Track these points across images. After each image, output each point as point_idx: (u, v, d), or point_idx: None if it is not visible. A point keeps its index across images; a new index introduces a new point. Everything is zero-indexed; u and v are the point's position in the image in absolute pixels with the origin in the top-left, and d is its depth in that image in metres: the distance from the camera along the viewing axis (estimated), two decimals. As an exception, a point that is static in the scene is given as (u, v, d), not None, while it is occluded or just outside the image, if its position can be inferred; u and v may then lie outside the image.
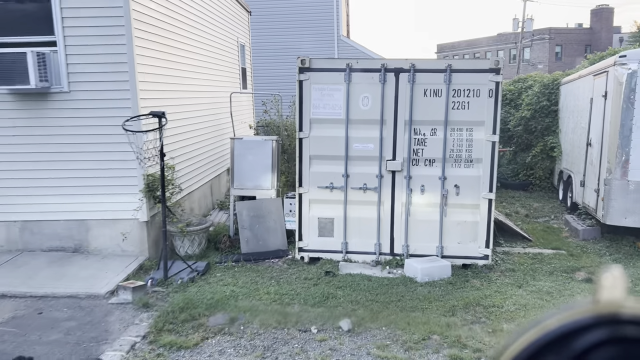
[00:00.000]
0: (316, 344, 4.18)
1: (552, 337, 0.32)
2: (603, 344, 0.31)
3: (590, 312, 0.32)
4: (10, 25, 5.57)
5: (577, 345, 0.32)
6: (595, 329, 0.32)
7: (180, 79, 7.25)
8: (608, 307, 0.33)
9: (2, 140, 5.85)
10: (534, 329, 0.33)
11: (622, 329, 0.31)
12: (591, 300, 0.34)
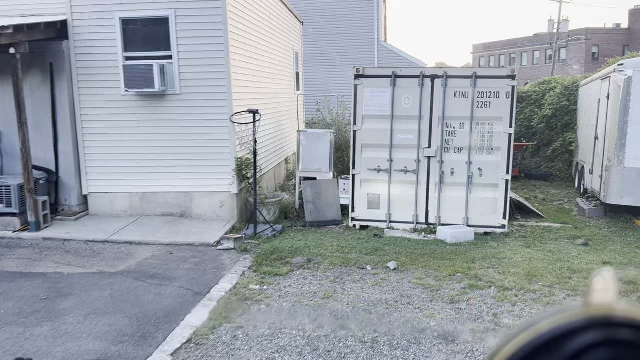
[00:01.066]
0: (371, 276, 5.82)
1: (544, 340, 0.32)
2: (595, 347, 0.31)
3: (583, 314, 0.32)
4: (142, 44, 7.44)
5: (570, 347, 0.31)
6: (588, 332, 0.31)
7: (257, 84, 9.02)
8: (600, 309, 0.32)
9: (130, 130, 7.73)
10: (526, 331, 0.33)
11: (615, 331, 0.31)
12: (583, 302, 0.33)
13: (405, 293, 5.30)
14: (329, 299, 5.09)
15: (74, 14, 7.57)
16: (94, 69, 7.62)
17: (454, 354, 4.06)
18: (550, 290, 5.39)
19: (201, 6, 7.39)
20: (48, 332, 4.26)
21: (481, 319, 4.71)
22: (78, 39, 7.60)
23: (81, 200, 7.91)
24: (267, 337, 4.26)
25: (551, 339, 0.32)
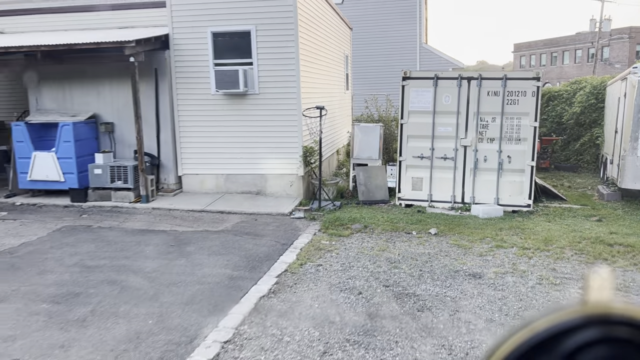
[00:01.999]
0: (416, 238, 7.30)
1: (541, 338, 0.32)
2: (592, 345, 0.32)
3: (579, 312, 0.33)
4: (228, 53, 9.17)
5: (567, 345, 0.32)
6: (584, 330, 0.32)
7: (317, 84, 10.63)
8: (597, 308, 0.33)
9: (217, 123, 9.47)
10: (524, 329, 0.33)
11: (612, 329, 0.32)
12: (580, 301, 0.33)
13: (443, 249, 6.77)
14: (384, 251, 6.62)
15: (174, 29, 9.37)
16: (189, 73, 9.40)
17: (480, 285, 5.51)
18: (562, 250, 6.75)
19: (277, 22, 9.05)
20: (185, 263, 5.97)
21: (502, 266, 6.14)
22: (177, 49, 9.40)
23: (177, 180, 9.73)
24: (340, 271, 5.83)
25: (548, 337, 0.32)
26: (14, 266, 5.73)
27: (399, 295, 5.13)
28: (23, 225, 7.60)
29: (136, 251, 6.39)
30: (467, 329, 4.39)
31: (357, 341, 4.12)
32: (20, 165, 9.15)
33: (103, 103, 9.64)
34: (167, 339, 4.07)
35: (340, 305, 4.83)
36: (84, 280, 5.30)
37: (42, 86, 9.84)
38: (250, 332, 4.24)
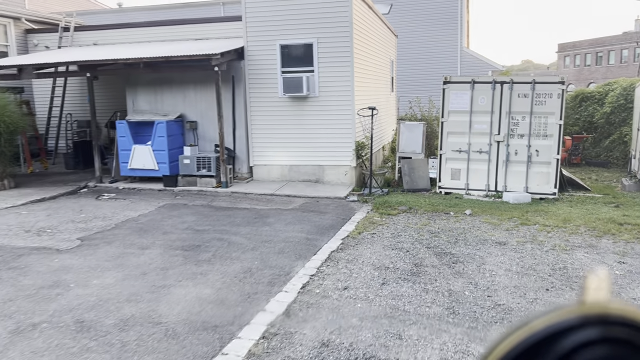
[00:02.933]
0: (453, 217, 8.73)
1: (539, 338, 0.33)
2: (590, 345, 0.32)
3: (577, 312, 0.33)
4: (295, 62, 10.84)
5: (564, 345, 0.32)
6: (582, 330, 0.32)
7: (367, 87, 12.17)
8: (594, 308, 0.33)
9: (282, 121, 11.16)
10: (521, 329, 0.33)
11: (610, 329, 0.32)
12: (577, 301, 0.34)
13: (475, 225, 8.19)
14: (426, 226, 8.09)
15: (248, 42, 11.13)
16: (260, 79, 11.14)
17: (503, 249, 6.92)
18: (577, 227, 8.04)
19: (335, 35, 10.66)
20: (268, 229, 7.65)
21: (524, 237, 7.51)
22: (250, 59, 11.16)
23: (249, 170, 11.49)
24: (390, 237, 7.36)
25: (546, 337, 0.32)
26: (142, 229, 7.56)
27: (438, 253, 6.62)
28: (133, 203, 9.50)
29: (229, 221, 8.13)
30: (490, 274, 5.85)
31: (406, 278, 5.65)
32: (122, 156, 11.12)
33: (188, 105, 11.51)
34: (270, 272, 5.73)
35: (392, 258, 6.37)
36: (199, 238, 7.05)
37: (138, 90, 11.80)
38: (327, 270, 5.84)
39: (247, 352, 3.88)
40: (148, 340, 4.06)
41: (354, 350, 3.97)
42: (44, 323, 4.33)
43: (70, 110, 14.73)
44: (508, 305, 4.96)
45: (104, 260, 6.02)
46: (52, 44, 14.95)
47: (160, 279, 5.44)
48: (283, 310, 4.69)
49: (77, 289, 5.10)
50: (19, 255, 6.19)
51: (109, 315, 4.51)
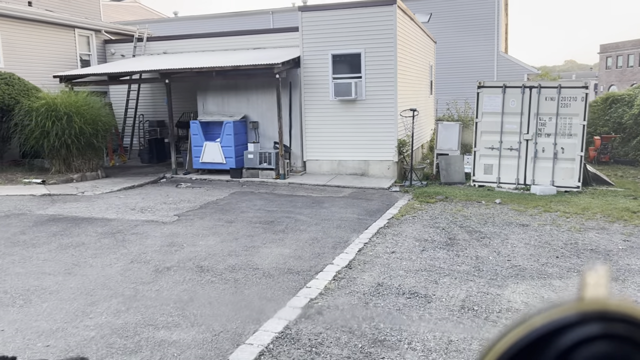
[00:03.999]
0: (484, 205, 10.01)
1: (538, 335, 0.33)
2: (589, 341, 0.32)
3: (576, 309, 0.33)
4: (344, 69, 12.34)
5: (564, 341, 0.32)
6: (582, 326, 0.32)
7: (408, 91, 13.54)
8: (593, 304, 0.33)
9: (333, 121, 12.66)
10: (520, 327, 0.33)
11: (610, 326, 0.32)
12: (576, 297, 0.34)
13: (503, 211, 9.45)
14: (460, 211, 9.42)
15: (304, 52, 12.69)
16: (314, 85, 12.69)
17: (525, 229, 8.17)
18: (594, 214, 9.19)
19: (381, 45, 12.10)
20: (325, 211, 9.15)
21: (545, 221, 8.74)
22: (305, 67, 12.72)
23: (302, 164, 13.06)
24: (429, 219, 8.73)
25: (545, 334, 0.32)
26: (223, 209, 9.22)
27: (468, 231, 7.97)
28: (208, 191, 11.20)
29: (291, 205, 9.69)
30: (511, 246, 7.16)
31: (441, 247, 7.04)
32: (194, 151, 12.88)
33: (251, 107, 13.18)
34: (332, 240, 7.23)
35: (430, 233, 7.77)
36: (271, 216, 8.63)
37: (207, 94, 13.56)
38: (377, 240, 7.29)
39: (324, 287, 5.38)
40: (252, 277, 5.62)
41: (401, 289, 5.42)
42: (174, 267, 5.97)
43: (142, 111, 16.69)
44: (523, 266, 6.29)
45: (201, 230, 7.67)
46: (126, 53, 16.97)
47: (249, 242, 7.03)
48: (346, 264, 6.17)
49: (189, 247, 6.75)
50: (135, 225, 7.92)
51: (218, 263, 6.11)
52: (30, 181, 11.08)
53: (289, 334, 4.27)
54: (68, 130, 11.16)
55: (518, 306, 5.04)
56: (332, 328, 4.43)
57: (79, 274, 5.70)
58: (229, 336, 4.22)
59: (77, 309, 4.74)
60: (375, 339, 4.25)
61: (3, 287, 5.29)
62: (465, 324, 4.60)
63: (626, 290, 5.56)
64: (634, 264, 6.39)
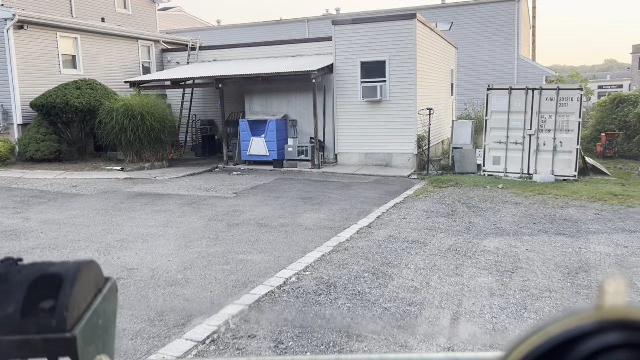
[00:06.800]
0: (488, 190, 11.83)
1: (555, 344, 0.32)
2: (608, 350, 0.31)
3: (595, 317, 0.32)
4: (370, 74, 14.35)
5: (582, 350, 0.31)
6: (600, 335, 0.31)
7: (428, 92, 15.43)
8: (612, 312, 0.32)
9: (360, 119, 14.67)
10: (537, 334, 0.32)
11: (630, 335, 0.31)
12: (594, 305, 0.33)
13: (503, 194, 11.26)
14: (466, 194, 11.27)
15: (336, 60, 14.77)
16: (344, 88, 14.74)
17: (517, 207, 9.98)
18: (581, 196, 10.89)
19: (403, 53, 14.06)
20: (353, 192, 11.18)
21: (536, 201, 10.51)
22: (338, 73, 14.79)
23: (334, 157, 15.13)
24: (439, 198, 10.64)
25: (562, 343, 0.31)
26: (270, 189, 11.38)
27: (469, 206, 9.86)
28: (256, 177, 13.40)
29: (325, 188, 11.78)
30: (500, 216, 9.03)
31: (443, 216, 8.97)
32: (243, 146, 15.12)
33: (291, 107, 15.34)
34: (357, 211, 9.27)
35: (437, 207, 9.70)
36: (308, 195, 10.74)
37: (253, 97, 15.80)
38: (393, 211, 9.28)
39: (349, 236, 7.43)
40: (297, 230, 7.73)
41: (406, 239, 7.41)
42: (240, 223, 8.13)
43: (195, 112, 19.09)
44: (504, 228, 8.17)
45: (255, 202, 9.84)
46: (181, 60, 19.42)
47: (293, 210, 9.15)
48: (367, 225, 8.20)
49: (248, 213, 8.91)
50: (204, 199, 10.16)
51: (272, 222, 8.25)
52: (112, 168, 13.53)
53: (325, 259, 6.34)
54: (141, 127, 13.55)
55: (490, 250, 6.96)
56: (355, 257, 6.48)
57: (174, 227, 7.93)
58: (285, 259, 6.32)
59: (180, 244, 6.94)
60: (383, 262, 6.27)
61: (125, 233, 7.56)
62: (448, 257, 6.57)
63: (583, 242, 7.37)
64: (593, 228, 8.18)
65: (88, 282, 0.45)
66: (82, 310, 0.43)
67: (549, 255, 6.67)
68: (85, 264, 0.45)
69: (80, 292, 0.43)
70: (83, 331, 0.42)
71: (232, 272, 5.86)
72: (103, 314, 0.46)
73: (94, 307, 0.44)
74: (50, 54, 15.36)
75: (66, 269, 0.44)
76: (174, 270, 5.90)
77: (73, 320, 0.41)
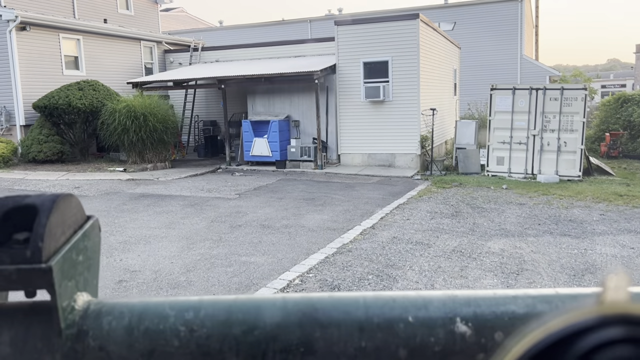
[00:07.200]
0: (492, 190, 11.76)
1: (556, 338, 0.32)
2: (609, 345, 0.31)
3: (596, 312, 0.32)
4: (373, 74, 14.29)
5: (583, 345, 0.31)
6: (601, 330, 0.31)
7: (431, 92, 15.37)
8: (613, 307, 0.32)
9: (363, 119, 14.62)
10: (538, 329, 0.32)
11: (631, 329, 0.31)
12: (595, 300, 0.33)
13: (507, 195, 11.19)
14: (470, 194, 11.21)
15: (339, 60, 14.72)
16: (347, 88, 14.69)
17: (521, 207, 9.92)
18: (585, 196, 10.82)
19: (406, 54, 14.00)
20: (356, 193, 11.13)
21: (540, 201, 10.44)
22: (340, 73, 14.74)
23: (337, 157, 15.08)
24: (442, 199, 10.59)
25: (563, 338, 0.31)
26: (273, 190, 11.34)
27: (473, 207, 9.80)
28: (258, 178, 13.36)
29: (328, 188, 11.73)
30: (504, 217, 8.97)
31: (447, 217, 8.92)
32: (245, 146, 15.09)
33: (293, 108, 15.30)
34: (360, 212, 9.22)
35: (440, 208, 9.64)
36: (311, 196, 10.69)
37: (255, 97, 15.77)
38: (396, 212, 9.23)
39: (353, 237, 7.39)
40: (300, 231, 7.69)
41: (410, 240, 7.36)
42: (243, 225, 8.10)
43: (197, 112, 19.07)
44: (508, 229, 8.12)
45: (258, 203, 9.80)
46: (183, 61, 19.40)
47: (296, 211, 9.11)
48: (370, 226, 8.15)
49: (251, 214, 8.87)
50: (207, 200, 10.13)
51: (275, 223, 8.20)
52: (114, 169, 13.52)
53: (328, 260, 6.30)
54: (144, 128, 13.53)
55: (495, 251, 6.90)
56: (358, 258, 6.43)
57: (176, 228, 7.90)
58: (288, 260, 6.28)
59: (183, 246, 6.90)
60: (387, 264, 6.23)
61: (128, 234, 7.53)
62: (452, 259, 6.51)
63: (589, 243, 7.31)
64: (599, 229, 8.11)
65: (66, 215, 0.43)
66: (60, 244, 0.42)
67: (554, 257, 6.62)
68: (63, 196, 0.43)
69: (57, 225, 0.42)
70: (60, 264, 0.40)
71: (235, 274, 5.82)
72: (84, 250, 0.45)
73: (73, 241, 0.43)
74: (52, 55, 15.36)
75: (42, 200, 0.42)
76: (176, 272, 5.86)
77: (49, 252, 0.40)
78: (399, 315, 0.42)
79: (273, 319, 0.41)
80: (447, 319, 0.42)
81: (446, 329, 0.42)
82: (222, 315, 0.42)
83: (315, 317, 0.42)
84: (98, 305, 0.43)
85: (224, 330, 0.41)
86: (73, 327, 0.41)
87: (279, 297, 0.43)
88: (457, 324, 0.42)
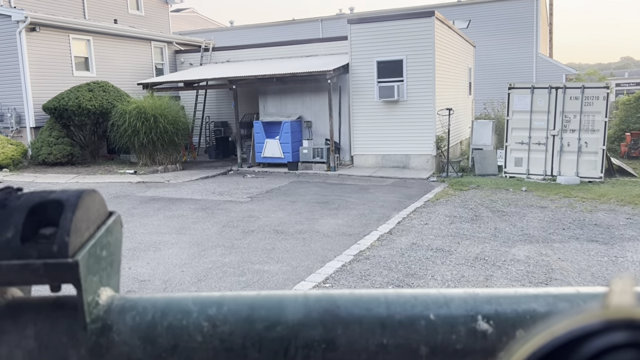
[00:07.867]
0: (511, 192, 11.40)
1: (560, 342, 0.31)
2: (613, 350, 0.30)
3: (601, 316, 0.31)
4: (387, 74, 13.98)
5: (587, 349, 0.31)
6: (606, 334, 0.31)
7: (446, 92, 15.01)
8: (619, 312, 0.31)
9: (377, 120, 14.31)
10: (542, 333, 0.32)
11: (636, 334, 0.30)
12: (601, 305, 0.32)
13: (527, 197, 10.83)
14: (488, 197, 10.86)
15: (352, 60, 14.42)
16: (360, 88, 14.38)
17: (543, 210, 9.56)
18: (609, 199, 10.42)
19: (421, 52, 13.66)
20: (371, 196, 10.83)
21: (562, 204, 10.07)
22: (353, 72, 14.44)
23: (350, 158, 14.79)
24: (460, 202, 10.25)
25: (568, 342, 0.31)
26: (285, 193, 11.07)
27: (493, 211, 9.45)
28: (270, 180, 13.11)
29: (342, 191, 11.44)
30: (527, 221, 8.62)
31: (467, 221, 8.59)
32: (257, 147, 14.85)
33: (305, 108, 15.03)
34: (376, 215, 8.92)
35: (459, 212, 9.31)
36: (325, 199, 10.41)
37: (267, 98, 15.52)
38: (414, 216, 8.92)
39: (370, 244, 7.09)
40: (315, 237, 7.41)
41: (430, 247, 7.05)
42: (256, 230, 7.84)
43: (208, 113, 18.87)
44: (532, 234, 7.77)
45: (271, 207, 9.54)
46: (194, 61, 19.21)
47: (310, 215, 8.83)
48: (387, 231, 7.86)
49: (264, 218, 8.61)
50: (218, 203, 9.89)
51: (289, 228, 7.93)
52: (125, 172, 13.34)
53: (345, 269, 6.01)
54: (154, 129, 13.34)
55: (520, 258, 6.57)
56: (376, 266, 6.14)
57: (187, 233, 7.66)
58: (303, 269, 6.00)
59: (194, 253, 6.66)
60: (408, 273, 5.93)
61: (137, 240, 7.30)
62: (476, 267, 6.20)
63: (618, 249, 6.95)
64: (627, 234, 7.74)
65: (90, 210, 0.43)
66: (85, 239, 0.42)
67: (583, 265, 6.27)
68: (88, 192, 0.43)
69: (82, 220, 0.41)
70: (86, 259, 0.40)
71: (248, 283, 5.55)
72: (107, 245, 0.44)
73: (97, 237, 0.43)
74: (62, 56, 15.23)
75: (67, 195, 0.42)
76: (187, 281, 5.62)
77: (75, 247, 0.40)
78: (420, 313, 0.42)
79: (295, 316, 0.41)
80: (468, 316, 0.42)
81: (467, 326, 0.42)
82: (245, 311, 0.41)
83: (337, 313, 0.41)
84: (121, 300, 0.43)
85: (246, 326, 0.41)
86: (97, 322, 0.41)
87: (300, 294, 0.43)
88: (479, 322, 0.42)
